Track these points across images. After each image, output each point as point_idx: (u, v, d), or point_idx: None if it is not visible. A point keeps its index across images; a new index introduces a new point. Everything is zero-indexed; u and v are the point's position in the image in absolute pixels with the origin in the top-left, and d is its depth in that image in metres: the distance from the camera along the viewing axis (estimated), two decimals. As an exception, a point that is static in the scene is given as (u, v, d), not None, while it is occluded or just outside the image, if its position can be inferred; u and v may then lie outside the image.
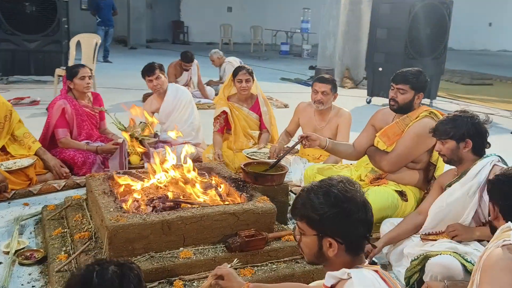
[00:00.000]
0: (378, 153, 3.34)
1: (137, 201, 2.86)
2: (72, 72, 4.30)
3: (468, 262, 2.44)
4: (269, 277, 2.56)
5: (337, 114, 4.20)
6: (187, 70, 7.71)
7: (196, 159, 4.71)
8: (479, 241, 2.58)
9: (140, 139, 4.04)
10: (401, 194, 3.22)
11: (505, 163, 2.63)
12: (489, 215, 2.07)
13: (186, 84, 7.81)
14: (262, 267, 2.64)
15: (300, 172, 4.06)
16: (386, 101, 8.84)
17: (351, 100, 9.27)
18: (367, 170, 3.39)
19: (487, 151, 2.71)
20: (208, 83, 8.51)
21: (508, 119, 8.08)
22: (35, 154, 4.01)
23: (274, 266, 2.67)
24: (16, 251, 2.85)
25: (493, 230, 1.96)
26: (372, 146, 3.45)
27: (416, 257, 2.63)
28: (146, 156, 4.02)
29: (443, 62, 8.52)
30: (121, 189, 3.00)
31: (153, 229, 2.53)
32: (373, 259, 2.88)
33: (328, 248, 1.62)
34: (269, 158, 4.12)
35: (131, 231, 2.48)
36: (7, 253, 2.85)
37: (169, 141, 4.70)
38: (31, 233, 3.19)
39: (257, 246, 2.66)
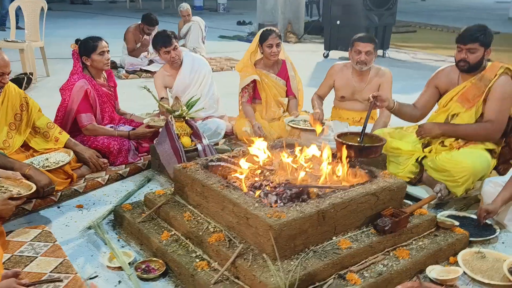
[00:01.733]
0: (477, 128, 3.24)
1: (261, 189, 2.57)
2: (89, 47, 3.69)
3: None
4: (423, 256, 2.47)
5: (377, 73, 4.07)
6: (149, 34, 7.07)
7: (228, 134, 4.40)
8: None
9: (187, 118, 3.63)
10: (491, 152, 3.25)
11: None
12: None
13: (147, 50, 7.21)
14: (411, 246, 2.54)
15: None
16: (344, 54, 8.94)
17: (304, 55, 9.23)
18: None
19: None
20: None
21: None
22: (65, 147, 3.45)
23: (421, 243, 2.57)
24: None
25: None
26: (455, 125, 3.30)
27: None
28: (195, 136, 3.63)
29: (395, 12, 8.71)
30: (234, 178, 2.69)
31: (311, 222, 2.29)
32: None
33: None
34: (311, 125, 3.95)
35: (293, 227, 2.22)
36: (117, 268, 2.44)
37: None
38: (118, 240, 2.76)
39: (404, 225, 2.54)
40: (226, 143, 4.23)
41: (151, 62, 7.06)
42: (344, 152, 2.87)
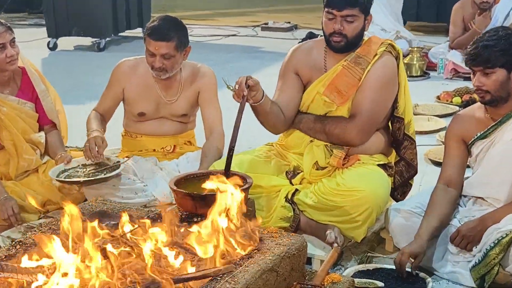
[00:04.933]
0: (332, 123, 2.36)
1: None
2: None
3: None
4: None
5: (194, 76, 2.80)
6: None
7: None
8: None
9: None
10: (385, 167, 2.42)
11: None
12: None
13: None
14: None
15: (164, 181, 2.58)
16: (83, 41, 6.68)
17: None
18: (324, 152, 2.38)
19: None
20: None
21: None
22: None
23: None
24: None
25: None
26: (308, 115, 2.44)
27: (492, 244, 2.02)
28: None
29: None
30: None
31: None
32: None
33: None
34: (100, 165, 2.60)
35: None
36: None
37: None
38: None
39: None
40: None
41: None
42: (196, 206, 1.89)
